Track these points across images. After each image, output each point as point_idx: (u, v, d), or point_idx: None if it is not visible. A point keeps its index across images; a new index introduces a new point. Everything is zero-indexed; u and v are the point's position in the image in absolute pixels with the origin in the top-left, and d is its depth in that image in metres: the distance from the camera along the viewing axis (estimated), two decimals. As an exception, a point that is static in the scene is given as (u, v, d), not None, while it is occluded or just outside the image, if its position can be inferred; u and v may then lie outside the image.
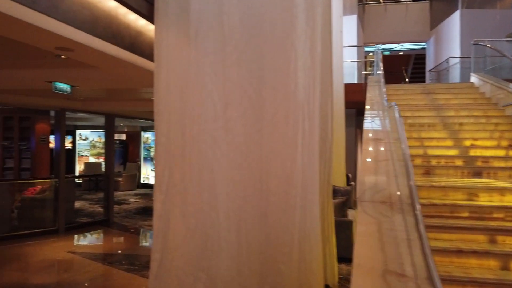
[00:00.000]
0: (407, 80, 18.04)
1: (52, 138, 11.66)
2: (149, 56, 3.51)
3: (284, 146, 3.11)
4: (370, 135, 5.32)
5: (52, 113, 11.53)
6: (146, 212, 9.94)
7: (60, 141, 7.41)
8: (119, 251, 6.11)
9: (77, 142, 16.07)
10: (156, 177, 3.18)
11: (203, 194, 2.98)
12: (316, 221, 3.33)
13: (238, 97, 3.05)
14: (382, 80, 7.24)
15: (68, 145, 15.76)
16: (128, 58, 3.17)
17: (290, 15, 3.08)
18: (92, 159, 16.19)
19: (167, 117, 3.10)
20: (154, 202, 3.21)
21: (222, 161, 3.01)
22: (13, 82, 4.32)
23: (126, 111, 8.44)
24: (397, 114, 4.02)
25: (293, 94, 3.09)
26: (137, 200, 11.99)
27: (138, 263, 5.42)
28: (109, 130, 8.57)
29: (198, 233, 2.97)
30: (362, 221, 3.25)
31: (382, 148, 4.62)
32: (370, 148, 4.72)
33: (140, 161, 16.06)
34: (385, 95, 6.29)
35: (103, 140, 16.73)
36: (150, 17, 3.17)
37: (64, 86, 4.37)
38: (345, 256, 4.57)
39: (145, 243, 6.77)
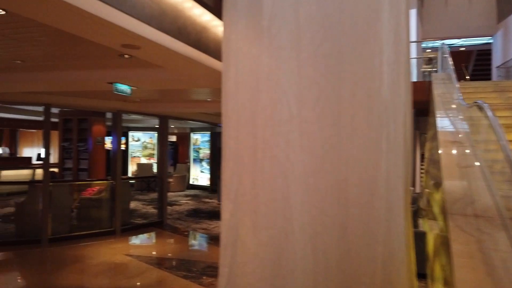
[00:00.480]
0: (467, 77, 16.79)
1: (107, 140, 12.01)
2: (214, 53, 3.28)
3: (365, 151, 2.74)
4: (447, 137, 4.79)
5: (108, 115, 11.87)
6: (198, 214, 9.89)
7: (117, 143, 7.47)
8: (175, 256, 6.00)
9: (129, 143, 16.51)
10: (224, 184, 2.93)
11: (276, 204, 2.69)
12: (402, 236, 2.93)
13: (314, 96, 2.73)
14: (454, 76, 6.60)
15: (121, 146, 16.22)
16: (193, 55, 2.96)
17: (374, 2, 2.71)
18: (143, 160, 16.58)
19: (236, 118, 2.84)
20: (222, 211, 2.96)
21: (296, 167, 2.70)
22: (77, 83, 4.31)
23: (179, 112, 8.40)
24: (490, 113, 3.50)
25: (377, 91, 2.72)
26: (188, 202, 12.02)
27: (195, 269, 5.25)
28: (163, 131, 8.58)
29: (271, 247, 2.68)
30: (457, 238, 2.81)
31: (467, 151, 4.11)
32: (452, 152, 4.22)
33: (190, 162, 16.20)
34: (460, 93, 5.70)
35: (154, 141, 17.09)
36: (216, 11, 2.93)
37: (125, 88, 4.29)
38: (418, 271, 4.10)
39: (200, 248, 6.64)
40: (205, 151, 15.79)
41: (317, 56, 2.73)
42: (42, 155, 14.58)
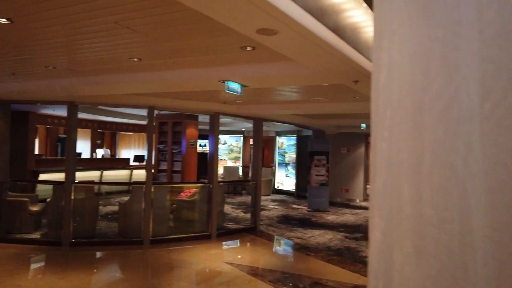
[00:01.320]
0: None
1: (199, 142, 12.20)
2: (350, 40, 2.77)
3: None
4: None
5: (200, 118, 12.05)
6: (289, 221, 9.45)
7: (214, 145, 7.35)
8: (277, 268, 5.60)
9: (218, 146, 16.75)
10: (373, 196, 2.37)
11: (449, 225, 2.07)
12: None
13: (501, 86, 2.05)
14: None
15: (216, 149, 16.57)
16: (333, 42, 2.49)
17: None
18: (229, 163, 16.73)
19: (390, 115, 2.27)
20: (370, 229, 2.39)
21: (478, 178, 2.04)
22: (187, 83, 4.13)
23: (275, 114, 8.05)
24: None
25: None
26: (276, 207, 11.66)
27: (302, 286, 4.78)
28: (257, 134, 8.31)
29: (442, 283, 2.06)
30: None
31: None
32: None
33: (275, 166, 15.92)
34: None
35: (240, 144, 17.16)
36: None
37: (236, 86, 4.00)
38: None
39: (300, 260, 6.17)
40: (291, 155, 15.37)
41: (507, 32, 2.06)
42: (142, 157, 15.53)
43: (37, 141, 13.92)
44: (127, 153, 17.24)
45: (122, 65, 3.97)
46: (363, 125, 9.94)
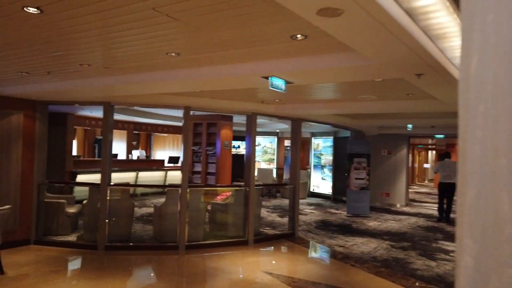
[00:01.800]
0: None
1: (233, 144, 11.96)
2: (423, 27, 2.33)
3: None
4: None
5: (235, 119, 11.80)
6: (328, 227, 8.97)
7: (251, 147, 7.02)
8: (322, 280, 5.18)
9: (250, 148, 16.47)
10: (462, 212, 1.92)
11: None
12: None
13: None
14: None
15: (242, 150, 16.33)
16: (407, 27, 2.07)
17: None
18: (264, 165, 16.40)
19: (483, 111, 1.82)
20: (458, 252, 1.94)
21: None
22: (227, 80, 3.81)
23: (313, 114, 7.61)
24: None
25: None
26: (313, 211, 11.19)
27: (352, 302, 4.34)
28: (295, 136, 7.90)
29: None
30: None
31: None
32: None
33: (310, 169, 15.43)
34: None
35: (274, 146, 16.79)
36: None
37: (280, 83, 3.63)
38: None
39: (346, 272, 5.70)
40: (327, 157, 14.83)
41: None
42: (177, 158, 15.54)
43: (75, 142, 14.18)
44: (162, 154, 17.31)
45: (159, 62, 3.70)
46: (410, 126, 9.29)
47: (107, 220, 6.26)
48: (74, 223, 7.32)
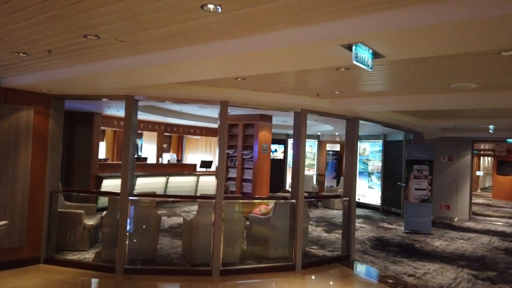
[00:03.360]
0: None
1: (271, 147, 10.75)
2: None
3: None
4: None
5: (274, 120, 10.61)
6: (386, 246, 7.55)
7: (300, 152, 5.78)
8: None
9: (289, 152, 15.23)
10: None
11: None
12: None
13: None
14: None
15: (279, 155, 15.11)
16: None
17: None
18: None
19: None
20: None
21: None
22: (291, 52, 2.60)
23: (374, 112, 6.28)
24: None
25: None
26: (363, 225, 9.76)
27: None
28: (352, 137, 6.58)
29: None
30: None
31: None
32: None
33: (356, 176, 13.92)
34: None
35: (314, 150, 15.44)
36: None
37: (367, 55, 2.40)
38: None
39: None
40: (375, 163, 13.32)
41: None
42: (210, 162, 14.52)
43: (103, 145, 13.49)
44: (193, 158, 16.38)
45: (193, 26, 2.54)
46: (491, 127, 7.71)
47: (127, 238, 5.20)
48: (94, 237, 6.36)
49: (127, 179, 5.14)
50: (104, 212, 5.87)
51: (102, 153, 13.42)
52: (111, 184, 10.15)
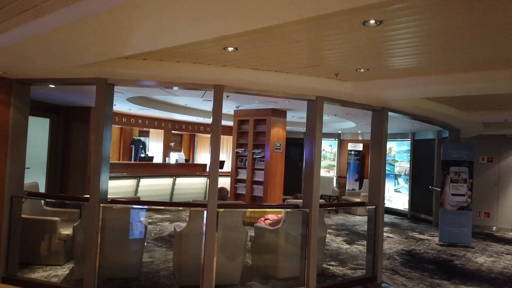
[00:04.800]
0: None
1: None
2: None
3: None
4: None
5: (290, 117, 9.51)
6: (419, 263, 6.33)
7: (315, 150, 4.68)
8: None
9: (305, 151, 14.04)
10: None
11: None
12: None
13: None
14: None
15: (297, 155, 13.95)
16: None
17: None
18: (322, 173, 13.88)
19: None
20: None
21: None
22: None
23: (407, 99, 5.10)
24: None
25: None
26: (390, 235, 8.52)
27: None
28: (379, 133, 5.42)
29: None
30: None
31: None
32: None
33: (380, 178, 12.64)
34: None
35: (334, 150, 14.22)
36: None
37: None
38: None
39: None
40: (403, 164, 12.00)
41: None
42: (222, 163, 13.49)
43: (109, 143, 12.71)
44: (206, 157, 15.43)
45: None
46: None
47: (99, 253, 4.22)
48: (71, 248, 5.44)
49: (98, 181, 4.17)
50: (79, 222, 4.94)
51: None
52: (110, 186, 9.29)
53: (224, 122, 11.45)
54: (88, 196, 4.25)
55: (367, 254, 5.52)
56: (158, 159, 11.87)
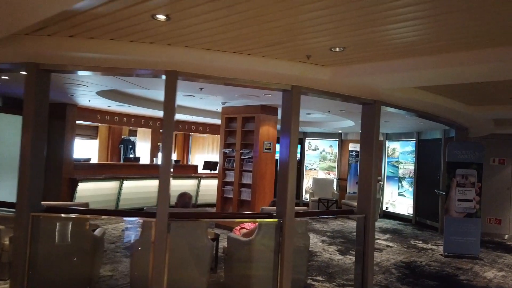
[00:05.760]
0: None
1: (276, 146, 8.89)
2: None
3: None
4: None
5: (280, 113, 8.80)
6: (419, 279, 5.56)
7: (289, 149, 3.97)
8: None
9: (305, 152, 13.33)
10: None
11: None
12: None
13: None
14: None
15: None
16: None
17: None
18: (322, 174, 13.12)
19: None
20: None
21: None
22: None
23: (400, 90, 4.35)
24: None
25: None
26: (390, 244, 7.75)
27: None
28: (369, 130, 4.68)
29: None
30: None
31: None
32: None
33: (383, 181, 11.85)
34: None
35: (335, 151, 13.44)
36: None
37: None
38: None
39: None
40: (407, 166, 11.19)
41: None
42: (215, 164, 12.89)
43: (97, 143, 12.16)
44: (201, 158, 14.77)
45: None
46: None
47: (27, 270, 3.56)
48: (19, 259, 4.79)
49: (25, 185, 3.51)
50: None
51: (95, 153, 12.08)
52: (89, 188, 8.71)
53: (214, 121, 10.88)
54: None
55: (355, 269, 4.77)
56: (145, 160, 11.23)
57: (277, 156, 9.66)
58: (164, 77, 3.49)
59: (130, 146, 12.31)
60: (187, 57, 3.24)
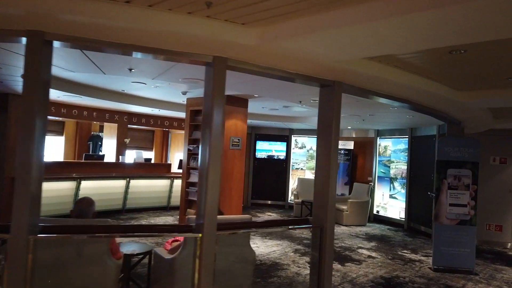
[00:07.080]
0: None
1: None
2: None
3: None
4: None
5: (257, 107, 7.82)
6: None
7: (211, 143, 3.02)
8: None
9: (292, 151, 12.35)
10: None
11: None
12: None
13: None
14: None
15: (281, 154, 12.26)
16: None
17: None
18: (308, 174, 12.12)
19: None
20: None
21: None
22: None
23: (363, 66, 3.36)
24: None
25: None
26: (373, 255, 6.76)
27: None
28: (328, 118, 3.71)
29: None
30: None
31: None
32: None
33: (374, 182, 10.84)
34: None
35: (323, 149, 12.43)
36: None
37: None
38: None
39: None
40: (400, 166, 10.17)
41: None
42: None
43: (63, 139, 11.25)
44: (181, 157, 13.84)
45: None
46: None
47: None
48: None
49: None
50: None
51: (60, 151, 11.18)
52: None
53: (180, 114, 9.90)
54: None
55: (312, 281, 3.78)
56: (111, 158, 10.30)
57: (262, 155, 8.61)
58: (24, 40, 2.53)
59: (100, 143, 11.40)
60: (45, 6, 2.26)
